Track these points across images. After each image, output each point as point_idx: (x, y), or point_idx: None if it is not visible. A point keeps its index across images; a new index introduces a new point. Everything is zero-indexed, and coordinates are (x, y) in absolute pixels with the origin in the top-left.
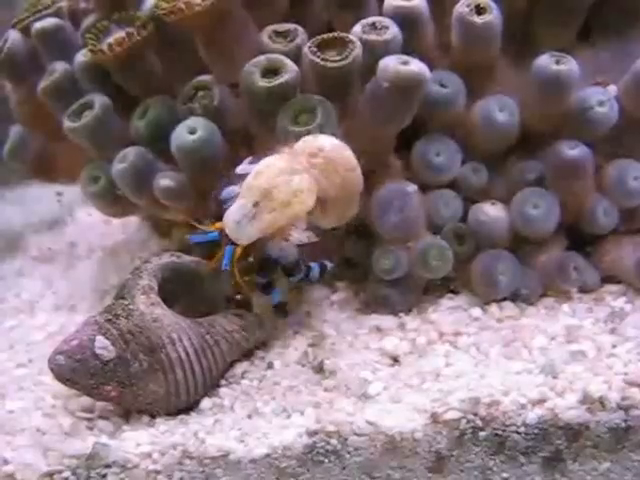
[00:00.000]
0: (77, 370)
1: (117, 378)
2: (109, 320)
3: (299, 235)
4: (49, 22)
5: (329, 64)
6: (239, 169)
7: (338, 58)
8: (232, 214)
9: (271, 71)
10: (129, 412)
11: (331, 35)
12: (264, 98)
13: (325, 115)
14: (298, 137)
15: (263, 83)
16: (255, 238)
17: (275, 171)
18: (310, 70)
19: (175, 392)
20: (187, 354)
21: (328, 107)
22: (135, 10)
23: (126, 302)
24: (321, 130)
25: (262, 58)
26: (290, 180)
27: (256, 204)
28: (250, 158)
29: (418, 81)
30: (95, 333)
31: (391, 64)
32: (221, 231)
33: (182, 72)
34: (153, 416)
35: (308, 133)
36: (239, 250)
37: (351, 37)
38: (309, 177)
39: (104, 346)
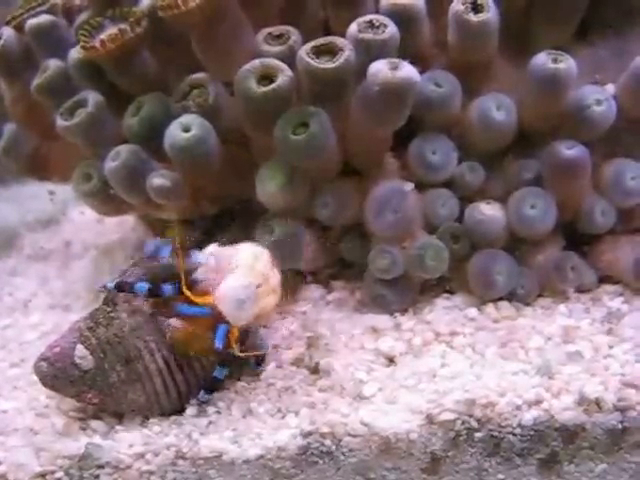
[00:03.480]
0: (58, 378)
1: (97, 387)
2: (90, 328)
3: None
4: (43, 19)
5: (321, 66)
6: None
7: (330, 61)
8: (236, 292)
9: (266, 76)
10: (122, 413)
11: (324, 40)
12: (259, 103)
13: (319, 125)
14: (297, 147)
15: (258, 88)
16: (249, 321)
17: (267, 260)
18: (304, 73)
19: (156, 400)
20: (167, 363)
21: (322, 117)
22: (130, 7)
23: (109, 309)
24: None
25: (257, 62)
26: (274, 272)
27: (259, 286)
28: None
29: (408, 85)
30: (76, 341)
31: (380, 69)
32: (212, 307)
33: (177, 70)
34: (146, 417)
35: (305, 140)
36: (236, 331)
37: (342, 42)
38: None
39: (83, 355)
